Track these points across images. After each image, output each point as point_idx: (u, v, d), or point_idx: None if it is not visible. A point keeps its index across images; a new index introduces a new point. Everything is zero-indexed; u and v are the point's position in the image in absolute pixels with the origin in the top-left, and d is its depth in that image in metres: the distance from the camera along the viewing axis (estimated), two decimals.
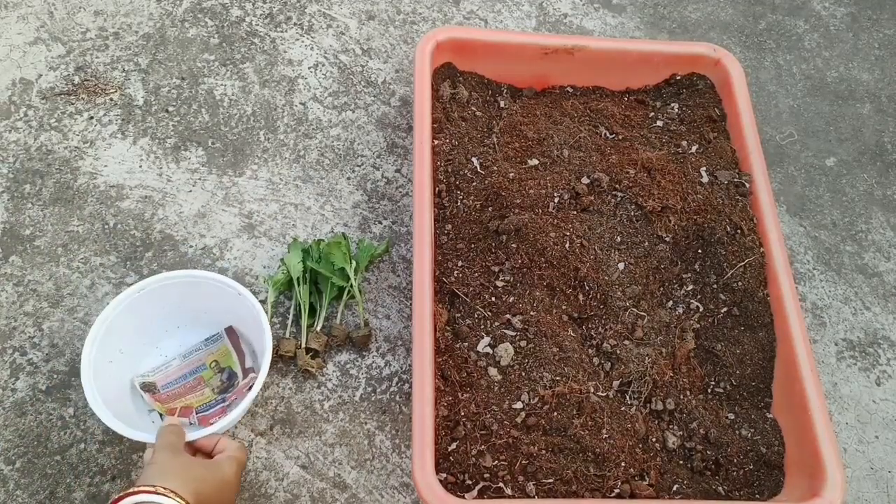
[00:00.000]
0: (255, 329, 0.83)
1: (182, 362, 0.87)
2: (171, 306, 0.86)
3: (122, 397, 0.81)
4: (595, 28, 1.23)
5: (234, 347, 0.87)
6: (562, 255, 0.88)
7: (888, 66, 1.25)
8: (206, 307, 0.86)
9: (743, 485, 0.82)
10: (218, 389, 0.85)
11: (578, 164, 0.96)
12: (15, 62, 1.06)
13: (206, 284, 0.84)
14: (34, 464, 0.80)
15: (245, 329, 0.88)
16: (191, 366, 0.87)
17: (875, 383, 0.97)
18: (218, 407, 0.83)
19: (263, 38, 1.13)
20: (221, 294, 0.84)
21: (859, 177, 1.14)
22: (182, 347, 0.88)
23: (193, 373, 0.86)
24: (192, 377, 0.86)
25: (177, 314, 0.87)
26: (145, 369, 0.85)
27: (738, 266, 0.91)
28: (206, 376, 0.86)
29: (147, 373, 0.85)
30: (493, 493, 0.77)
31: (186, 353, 0.87)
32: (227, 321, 0.88)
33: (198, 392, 0.85)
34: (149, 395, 0.83)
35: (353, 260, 0.90)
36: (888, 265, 1.06)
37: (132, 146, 1.01)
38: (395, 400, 0.88)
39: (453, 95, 1.00)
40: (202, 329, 0.88)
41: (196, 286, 0.84)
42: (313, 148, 1.05)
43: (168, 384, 0.85)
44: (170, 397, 0.84)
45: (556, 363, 0.82)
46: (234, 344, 0.88)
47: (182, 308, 0.86)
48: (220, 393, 0.85)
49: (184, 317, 0.88)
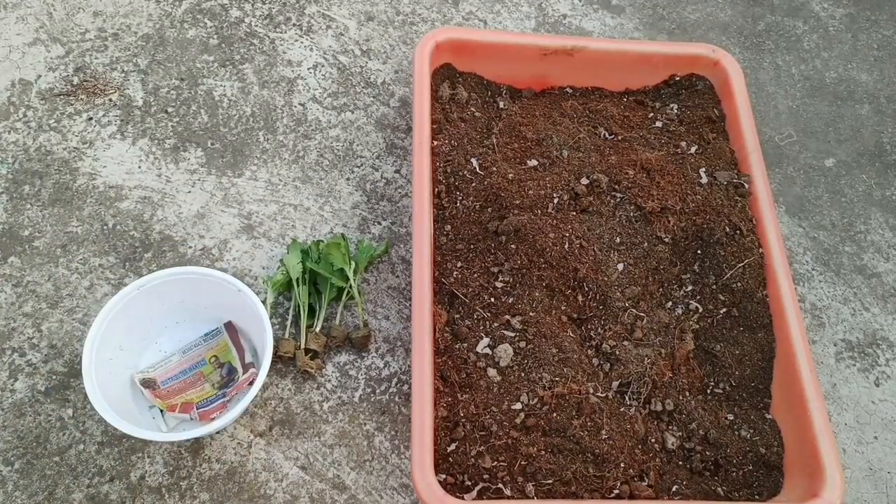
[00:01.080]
0: (255, 325, 0.83)
1: (181, 358, 0.87)
2: (170, 303, 0.86)
3: (123, 394, 0.82)
4: (594, 29, 1.23)
5: (233, 343, 0.88)
6: (561, 256, 0.88)
7: (887, 67, 1.25)
8: (205, 303, 0.87)
9: (742, 485, 0.82)
10: (218, 385, 0.86)
11: (578, 165, 0.96)
12: (14, 63, 1.06)
13: (206, 281, 0.84)
14: (33, 465, 0.80)
15: (244, 325, 0.88)
16: (190, 361, 0.87)
17: (874, 384, 0.97)
18: (218, 402, 0.83)
19: (263, 39, 1.13)
20: (221, 291, 0.84)
21: (858, 177, 1.14)
22: (181, 343, 0.88)
23: (193, 368, 0.86)
24: (191, 372, 0.86)
25: (176, 310, 0.87)
26: (145, 365, 0.85)
27: (737, 267, 0.91)
28: (205, 371, 0.86)
29: (146, 369, 0.85)
30: (493, 494, 0.77)
31: (186, 349, 0.87)
32: (226, 317, 0.89)
33: (198, 387, 0.85)
34: (149, 392, 0.83)
35: (352, 261, 0.90)
36: (887, 266, 1.06)
37: (131, 147, 1.01)
38: (395, 401, 0.88)
39: (452, 96, 1.00)
40: (201, 324, 0.89)
41: (196, 283, 0.84)
42: (312, 149, 1.05)
43: (168, 380, 0.85)
44: (170, 393, 0.84)
45: (556, 364, 0.82)
46: (233, 339, 0.88)
47: (181, 305, 0.87)
48: (220, 388, 0.85)
49: (183, 313, 0.88)
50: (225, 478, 0.81)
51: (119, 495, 0.79)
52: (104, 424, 0.83)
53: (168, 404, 0.83)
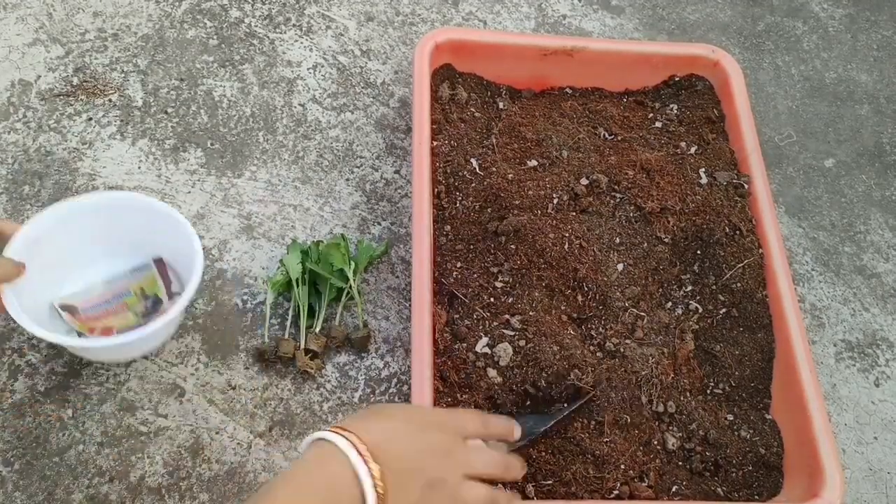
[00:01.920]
0: (186, 252, 0.80)
1: (105, 288, 0.85)
2: (97, 229, 0.83)
3: (41, 319, 0.78)
4: (594, 29, 1.23)
5: (161, 276, 0.87)
6: (561, 256, 0.88)
7: (886, 68, 1.25)
8: (134, 233, 0.84)
9: (742, 486, 0.82)
10: (141, 314, 0.85)
11: (577, 165, 0.96)
12: (14, 63, 1.06)
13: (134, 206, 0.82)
14: (33, 465, 0.80)
15: (175, 257, 0.86)
16: (114, 292, 0.85)
17: (874, 384, 0.97)
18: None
19: (262, 40, 1.13)
20: (150, 216, 0.81)
21: (858, 178, 1.14)
22: (107, 275, 0.86)
23: (117, 298, 0.85)
24: (115, 302, 0.85)
25: (104, 239, 0.84)
26: (66, 293, 0.84)
27: (736, 267, 0.91)
28: (129, 302, 0.85)
29: (68, 296, 0.84)
30: None
31: (111, 280, 0.86)
32: (155, 252, 0.87)
33: (120, 316, 0.84)
34: (68, 315, 0.82)
35: (351, 261, 0.90)
36: (887, 266, 1.06)
37: (131, 147, 1.01)
38: (395, 401, 0.88)
39: (452, 97, 1.01)
40: (129, 258, 0.87)
41: (124, 209, 0.82)
42: (312, 149, 1.05)
43: (89, 308, 0.84)
44: (90, 319, 0.83)
45: (556, 362, 0.82)
46: (161, 273, 0.87)
47: (110, 233, 0.84)
48: (143, 317, 0.85)
49: (111, 244, 0.85)
50: (225, 478, 0.81)
51: (119, 495, 0.79)
52: (104, 425, 0.83)
53: (87, 327, 0.82)
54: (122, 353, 0.82)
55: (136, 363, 0.87)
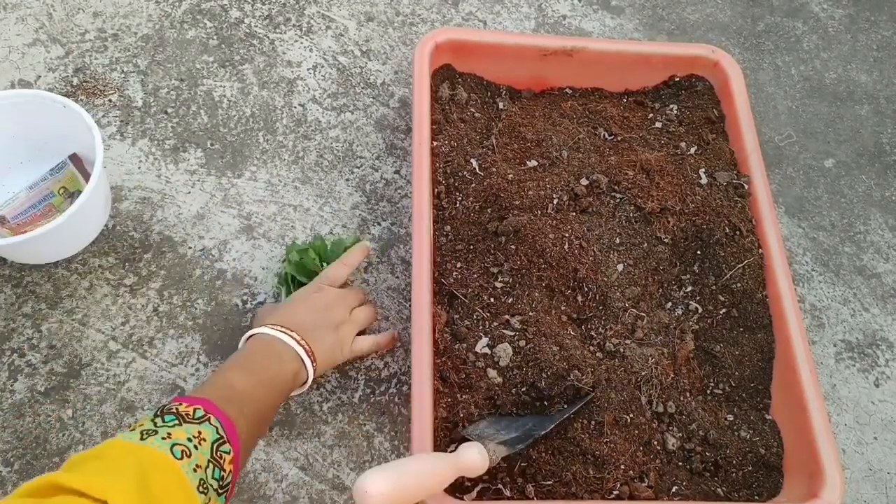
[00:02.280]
0: (89, 141, 0.83)
1: (29, 193, 0.88)
2: (6, 137, 0.86)
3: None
4: (594, 29, 1.23)
5: (79, 171, 0.89)
6: (561, 257, 0.88)
7: (886, 68, 1.25)
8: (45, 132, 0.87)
9: (742, 486, 0.82)
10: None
11: (577, 166, 0.96)
12: (14, 63, 1.06)
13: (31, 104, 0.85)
14: (32, 465, 0.80)
15: (85, 150, 0.88)
16: (38, 195, 0.88)
17: (874, 385, 0.97)
18: None
19: (262, 40, 1.13)
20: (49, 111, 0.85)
21: (858, 178, 1.14)
22: (28, 181, 0.89)
23: (43, 201, 0.88)
24: (41, 206, 0.87)
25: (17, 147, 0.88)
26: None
27: (736, 267, 0.91)
28: (56, 203, 0.88)
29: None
30: (492, 495, 0.77)
31: (32, 185, 0.88)
32: (69, 149, 0.90)
33: (50, 218, 0.86)
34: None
35: (323, 263, 0.89)
36: (887, 266, 1.06)
37: (131, 147, 1.01)
38: (394, 401, 0.88)
39: (452, 97, 1.01)
40: (46, 162, 0.90)
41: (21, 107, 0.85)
42: (312, 149, 1.05)
43: (17, 215, 0.86)
44: (20, 226, 0.85)
45: (556, 362, 0.82)
46: (79, 169, 0.89)
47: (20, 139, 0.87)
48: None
49: (26, 150, 0.89)
50: None
51: None
52: (104, 425, 0.83)
53: (18, 233, 0.83)
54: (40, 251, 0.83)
55: (135, 363, 0.87)
